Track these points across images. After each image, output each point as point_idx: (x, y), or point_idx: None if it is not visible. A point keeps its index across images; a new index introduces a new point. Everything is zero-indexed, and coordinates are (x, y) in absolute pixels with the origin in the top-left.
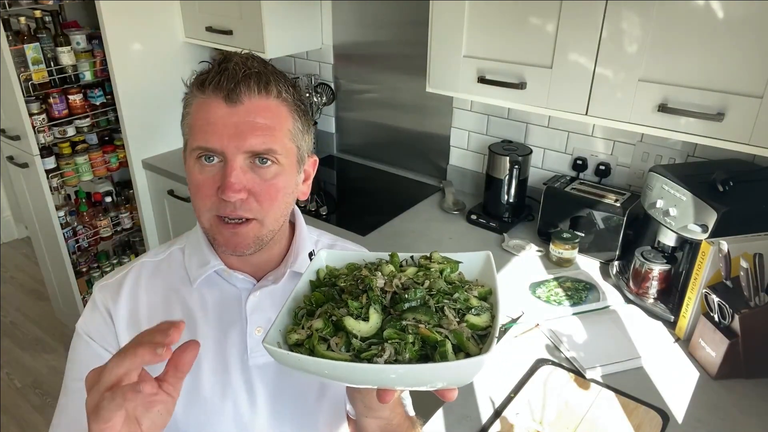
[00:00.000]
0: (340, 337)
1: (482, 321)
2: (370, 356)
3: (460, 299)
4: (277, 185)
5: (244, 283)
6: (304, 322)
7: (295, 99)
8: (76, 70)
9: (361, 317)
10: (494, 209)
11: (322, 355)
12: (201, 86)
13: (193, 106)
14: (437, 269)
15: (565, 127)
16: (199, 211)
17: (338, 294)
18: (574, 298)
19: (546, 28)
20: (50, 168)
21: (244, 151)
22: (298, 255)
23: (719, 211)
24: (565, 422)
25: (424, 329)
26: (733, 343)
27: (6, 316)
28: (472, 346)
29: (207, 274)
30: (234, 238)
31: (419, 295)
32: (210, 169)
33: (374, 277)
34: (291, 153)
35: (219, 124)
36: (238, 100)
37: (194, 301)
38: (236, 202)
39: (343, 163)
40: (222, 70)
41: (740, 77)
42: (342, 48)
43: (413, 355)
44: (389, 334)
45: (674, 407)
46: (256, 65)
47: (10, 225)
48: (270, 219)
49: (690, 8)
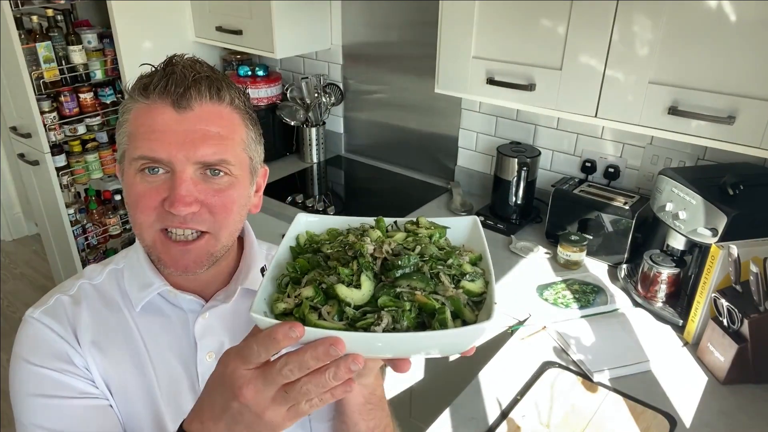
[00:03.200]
0: (332, 306)
1: (477, 287)
2: (366, 325)
3: (453, 265)
4: (231, 197)
5: (192, 305)
6: (290, 291)
7: (246, 107)
8: (87, 69)
9: (352, 284)
10: (502, 211)
11: (315, 324)
12: (144, 91)
13: (133, 112)
14: (425, 234)
15: (574, 129)
16: (140, 227)
17: (324, 260)
18: (582, 301)
19: (556, 29)
20: (61, 166)
21: (195, 161)
22: (249, 270)
23: (729, 215)
24: (572, 425)
25: (420, 296)
26: (742, 347)
27: (15, 312)
28: (468, 312)
29: (150, 298)
30: (184, 258)
31: (413, 262)
32: (153, 180)
33: (363, 243)
34: (244, 164)
35: (166, 132)
36: (187, 106)
37: (140, 328)
38: (186, 215)
39: (350, 163)
40: (168, 74)
41: (752, 80)
42: (351, 48)
43: (411, 323)
44: (384, 302)
45: (682, 412)
46: (205, 69)
47: (21, 222)
48: (225, 233)
49: (701, 10)
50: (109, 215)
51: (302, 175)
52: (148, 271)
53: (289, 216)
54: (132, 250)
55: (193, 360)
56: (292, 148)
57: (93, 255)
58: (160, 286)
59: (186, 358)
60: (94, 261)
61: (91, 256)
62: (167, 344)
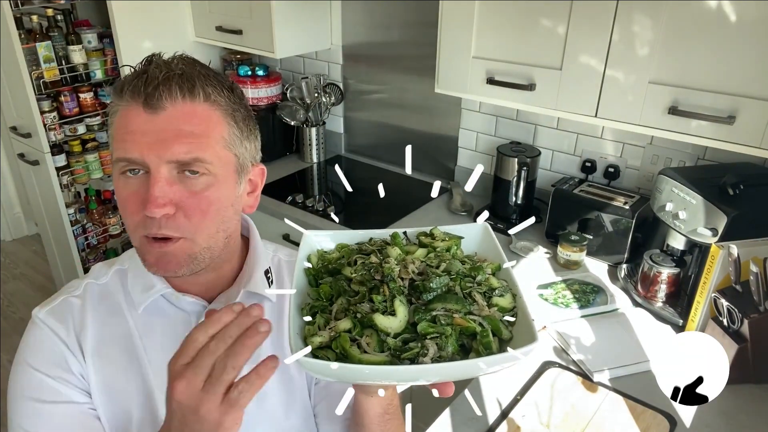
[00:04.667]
0: (370, 335)
1: (508, 302)
2: (413, 356)
3: (482, 281)
4: (208, 198)
5: (194, 306)
6: (320, 321)
7: (230, 102)
8: (87, 69)
9: (387, 312)
10: (502, 211)
11: (359, 360)
12: (119, 93)
13: (116, 115)
14: (443, 247)
15: (574, 128)
16: (129, 230)
17: (347, 284)
18: (582, 301)
19: (556, 29)
20: (61, 165)
21: (168, 160)
22: (252, 274)
23: (729, 215)
24: (572, 425)
25: (459, 319)
26: (742, 348)
27: (15, 312)
28: (504, 330)
29: (152, 299)
30: (163, 259)
31: (444, 282)
32: (134, 182)
33: (390, 265)
34: (226, 162)
35: (138, 132)
36: (159, 106)
37: (141, 328)
38: (161, 219)
39: (350, 163)
40: (140, 73)
41: (752, 80)
42: (351, 48)
43: (455, 348)
44: (425, 329)
45: (682, 411)
46: (180, 66)
47: (20, 222)
48: (202, 236)
49: (701, 10)
50: (109, 215)
51: (302, 175)
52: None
53: (290, 216)
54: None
55: None
56: (292, 148)
57: (93, 255)
58: (161, 289)
59: None
60: (94, 261)
61: (91, 256)
62: (169, 346)
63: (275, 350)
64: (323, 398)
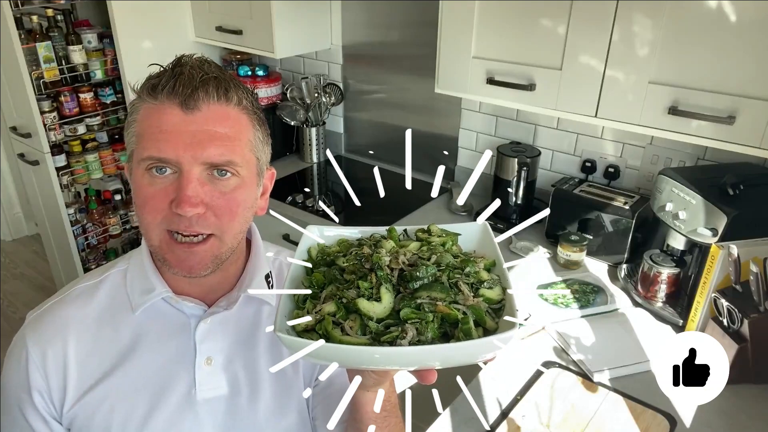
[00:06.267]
0: (354, 320)
1: (496, 294)
2: (391, 338)
3: (471, 273)
4: (236, 199)
5: (194, 310)
6: (309, 306)
7: (254, 107)
8: (87, 69)
9: (372, 298)
10: (502, 211)
11: (340, 340)
12: (152, 91)
13: (142, 112)
14: (438, 242)
15: (574, 129)
16: (147, 227)
17: (340, 274)
18: (582, 301)
19: (556, 29)
20: (61, 166)
21: (202, 162)
22: (254, 278)
23: (729, 215)
24: (572, 425)
25: (442, 307)
26: (742, 347)
27: (15, 312)
28: (489, 320)
29: (151, 302)
30: (189, 259)
31: (431, 272)
32: (161, 181)
33: (380, 254)
34: (251, 165)
35: (174, 132)
36: (195, 107)
37: (133, 330)
38: (192, 217)
39: (350, 163)
40: (177, 74)
41: (752, 80)
42: (351, 48)
43: (435, 334)
44: (407, 314)
45: (682, 412)
46: (213, 69)
47: (20, 222)
48: (229, 235)
49: (701, 10)
50: (109, 215)
51: (302, 175)
52: (151, 275)
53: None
54: (137, 252)
55: (191, 365)
56: (292, 148)
57: (93, 255)
58: (161, 292)
59: (183, 363)
60: (94, 261)
61: (91, 256)
62: (166, 349)
63: (272, 355)
64: (321, 401)
